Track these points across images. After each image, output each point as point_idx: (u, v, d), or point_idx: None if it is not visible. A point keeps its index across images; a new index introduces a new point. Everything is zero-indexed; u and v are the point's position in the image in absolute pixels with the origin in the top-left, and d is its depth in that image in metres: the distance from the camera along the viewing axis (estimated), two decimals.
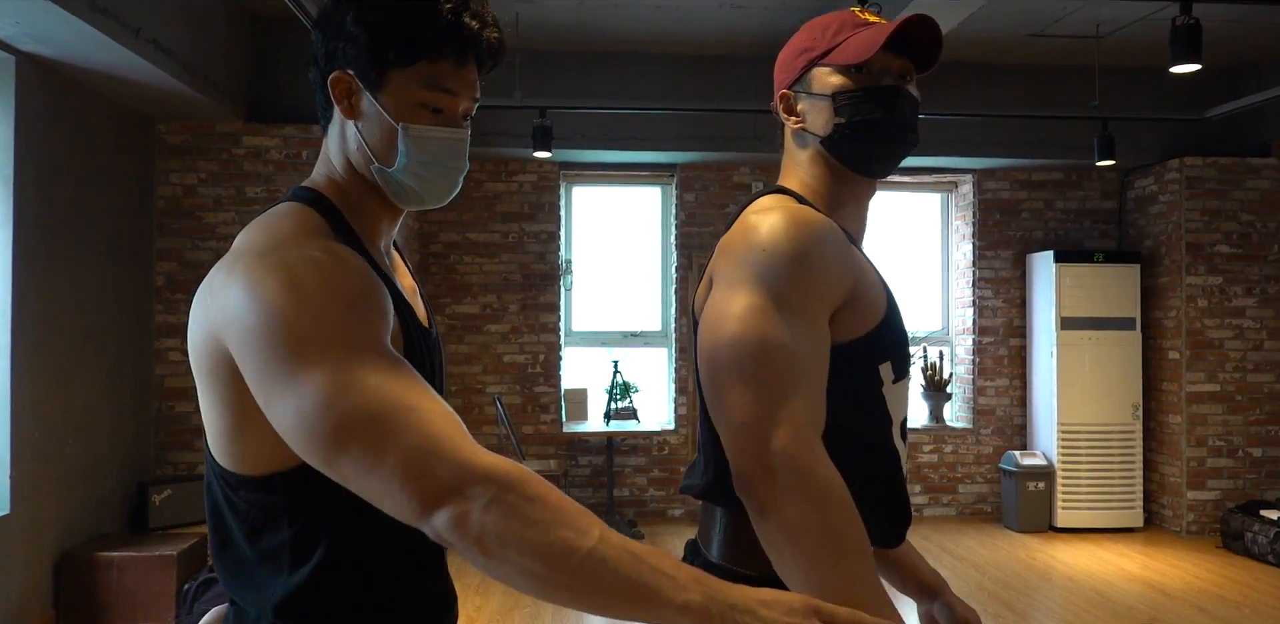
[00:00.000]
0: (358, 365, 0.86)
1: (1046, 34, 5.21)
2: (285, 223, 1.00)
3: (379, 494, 0.84)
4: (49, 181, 3.80)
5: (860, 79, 1.16)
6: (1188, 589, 4.50)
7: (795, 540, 0.97)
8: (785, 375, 1.01)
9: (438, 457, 0.83)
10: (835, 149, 1.18)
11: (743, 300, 1.05)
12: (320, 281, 0.90)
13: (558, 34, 5.24)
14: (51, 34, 3.36)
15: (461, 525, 0.81)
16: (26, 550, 3.62)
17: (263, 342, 0.88)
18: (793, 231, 1.07)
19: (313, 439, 0.85)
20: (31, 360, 3.65)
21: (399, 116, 1.02)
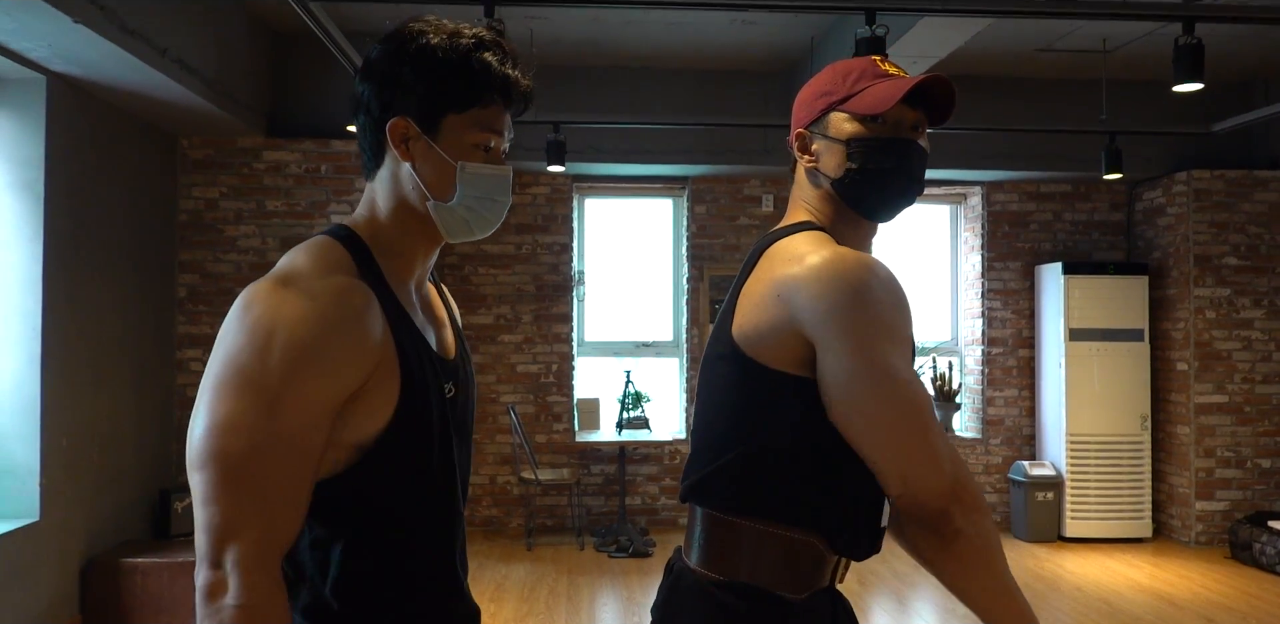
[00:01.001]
0: (261, 417, 0.98)
1: (1054, 48, 5.27)
2: (307, 257, 1.08)
3: (198, 526, 0.98)
4: (78, 196, 3.90)
5: (875, 128, 1.23)
6: (1195, 599, 4.53)
7: (992, 557, 1.16)
8: (935, 416, 1.18)
9: (236, 540, 0.97)
10: (844, 192, 1.25)
11: (890, 358, 1.13)
12: (288, 334, 0.99)
13: (571, 50, 5.33)
14: (82, 55, 3.47)
15: (209, 598, 0.96)
16: (55, 556, 3.72)
17: (214, 361, 1.02)
18: (882, 279, 1.14)
19: (191, 449, 1.00)
20: (61, 370, 3.75)
21: (455, 156, 1.11)
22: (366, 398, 1.04)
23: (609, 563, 5.20)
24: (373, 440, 1.05)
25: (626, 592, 4.65)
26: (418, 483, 1.11)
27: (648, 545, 5.42)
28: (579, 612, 4.33)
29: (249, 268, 4.88)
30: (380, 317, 1.06)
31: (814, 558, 1.20)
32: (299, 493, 1.00)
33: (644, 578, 4.89)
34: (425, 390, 1.10)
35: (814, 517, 1.19)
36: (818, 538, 1.19)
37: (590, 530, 5.83)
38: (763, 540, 1.18)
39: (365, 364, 1.03)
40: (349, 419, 1.04)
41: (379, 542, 1.09)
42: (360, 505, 1.08)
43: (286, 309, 1.00)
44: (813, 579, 1.20)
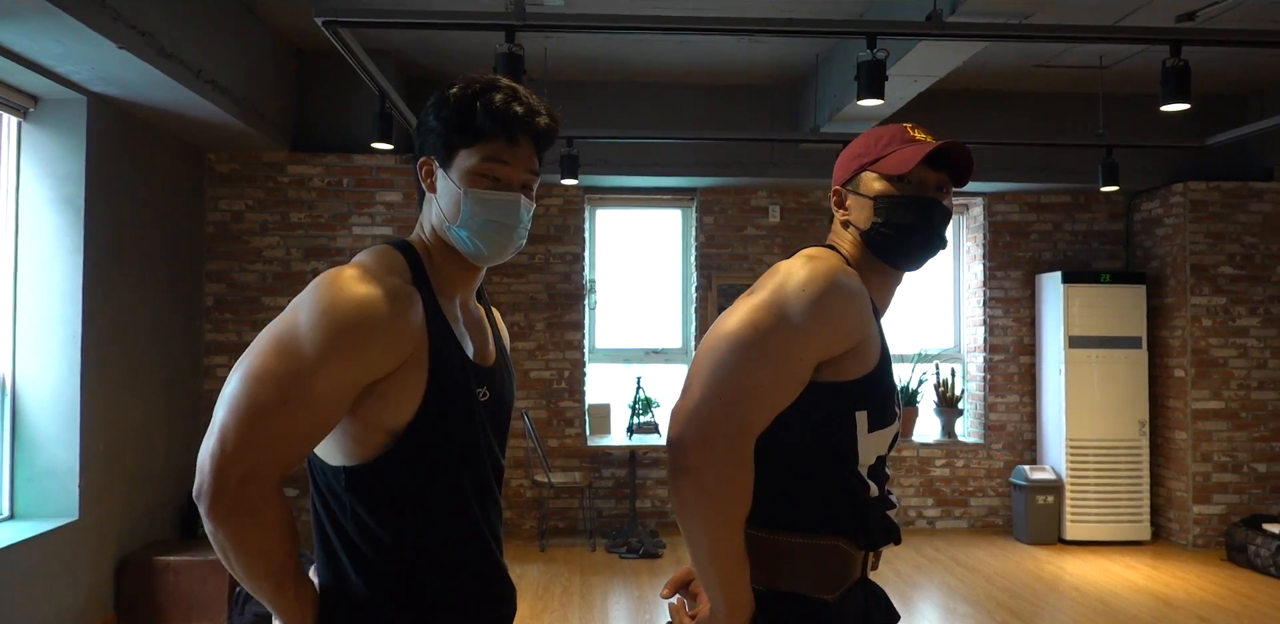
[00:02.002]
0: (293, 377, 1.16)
1: (1052, 65, 5.43)
2: (374, 258, 1.29)
3: (204, 450, 1.16)
4: (115, 210, 4.09)
5: (901, 187, 1.39)
6: (1190, 600, 4.66)
7: (705, 500, 1.25)
8: (755, 381, 1.27)
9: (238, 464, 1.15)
10: (871, 243, 1.42)
11: (759, 312, 1.29)
12: (337, 316, 1.17)
13: (584, 66, 5.51)
14: (122, 77, 3.65)
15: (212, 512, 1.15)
16: (93, 554, 3.89)
17: (278, 320, 1.21)
18: (832, 285, 1.30)
19: (226, 387, 1.18)
20: (98, 377, 3.93)
21: (463, 184, 1.29)
22: (395, 385, 1.22)
23: (620, 563, 5.36)
24: (403, 427, 1.23)
25: (638, 590, 4.80)
26: (450, 469, 1.27)
27: (658, 547, 5.57)
28: (592, 609, 4.48)
29: (273, 277, 5.06)
30: (420, 317, 1.25)
31: (842, 559, 1.34)
32: (300, 449, 1.19)
33: (654, 578, 5.04)
34: (454, 388, 1.27)
35: (833, 518, 1.34)
36: (843, 541, 1.34)
37: (601, 532, 5.99)
38: (796, 552, 1.33)
39: (396, 355, 1.21)
40: (379, 403, 1.22)
41: (415, 522, 1.26)
42: (397, 488, 1.24)
43: (343, 296, 1.19)
44: (844, 577, 1.35)
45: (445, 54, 5.25)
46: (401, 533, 1.25)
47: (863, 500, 1.35)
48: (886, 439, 1.39)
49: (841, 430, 1.33)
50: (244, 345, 5.00)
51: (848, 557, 1.35)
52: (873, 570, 1.42)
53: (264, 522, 1.16)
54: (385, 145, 4.24)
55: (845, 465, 1.35)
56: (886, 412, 1.37)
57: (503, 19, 3.12)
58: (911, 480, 6.28)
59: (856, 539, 1.35)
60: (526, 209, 1.32)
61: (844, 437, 1.34)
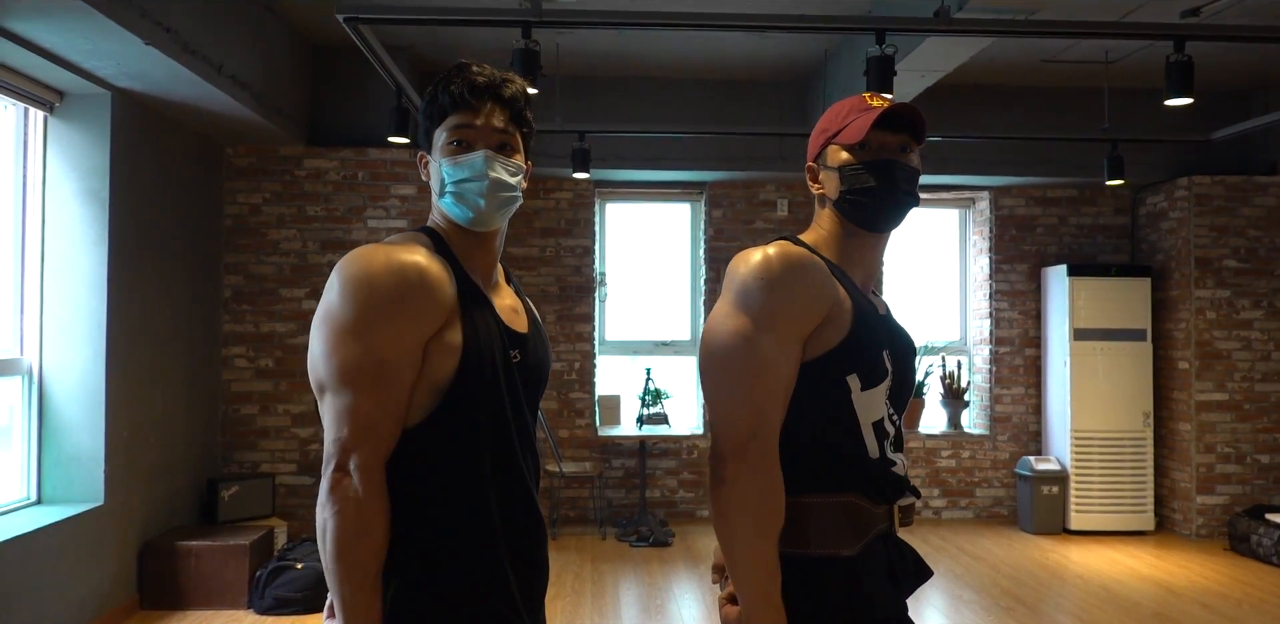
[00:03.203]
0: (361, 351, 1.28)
1: (1058, 60, 5.48)
2: (398, 238, 1.42)
3: (328, 436, 1.30)
4: (138, 204, 4.18)
5: (861, 154, 1.47)
6: (1193, 588, 4.73)
7: (741, 508, 1.33)
8: (768, 384, 1.37)
9: (356, 451, 1.29)
10: (843, 210, 1.49)
11: (734, 320, 1.39)
12: (378, 285, 1.28)
13: (595, 62, 5.58)
14: (147, 72, 3.73)
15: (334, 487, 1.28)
16: (117, 538, 3.99)
17: (321, 313, 1.32)
18: (772, 265, 1.39)
19: (317, 371, 1.31)
20: (123, 366, 4.02)
21: (439, 157, 1.42)
22: (440, 343, 1.32)
23: (630, 551, 5.44)
24: (448, 382, 1.33)
25: (648, 577, 4.89)
26: (488, 417, 1.37)
27: (667, 535, 5.66)
28: (604, 595, 4.57)
29: (290, 269, 5.15)
30: (453, 283, 1.36)
31: (859, 514, 1.42)
32: (397, 411, 1.30)
33: (664, 565, 5.12)
34: (490, 347, 1.37)
35: (842, 478, 1.42)
36: (856, 496, 1.42)
37: (612, 521, 6.07)
38: (815, 509, 1.41)
39: (439, 315, 1.32)
40: (429, 362, 1.32)
41: (466, 468, 1.35)
42: (447, 441, 1.34)
43: (376, 267, 1.30)
44: (865, 531, 1.43)
45: (458, 49, 5.32)
46: (461, 484, 1.35)
47: (863, 460, 1.43)
48: (882, 396, 1.46)
49: (838, 396, 1.42)
50: (261, 336, 5.06)
51: (865, 512, 1.42)
52: (904, 526, 1.50)
53: (378, 509, 1.28)
54: (401, 139, 4.32)
55: (846, 427, 1.43)
56: (876, 369, 1.44)
57: (520, 15, 3.20)
58: (918, 471, 6.35)
59: (869, 494, 1.43)
60: (496, 164, 1.41)
61: (841, 401, 1.42)
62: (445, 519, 1.34)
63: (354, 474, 1.26)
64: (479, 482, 1.36)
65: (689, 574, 4.96)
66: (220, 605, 4.17)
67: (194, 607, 4.17)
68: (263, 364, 5.12)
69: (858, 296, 1.47)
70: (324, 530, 1.26)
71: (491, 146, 1.41)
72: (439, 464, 1.34)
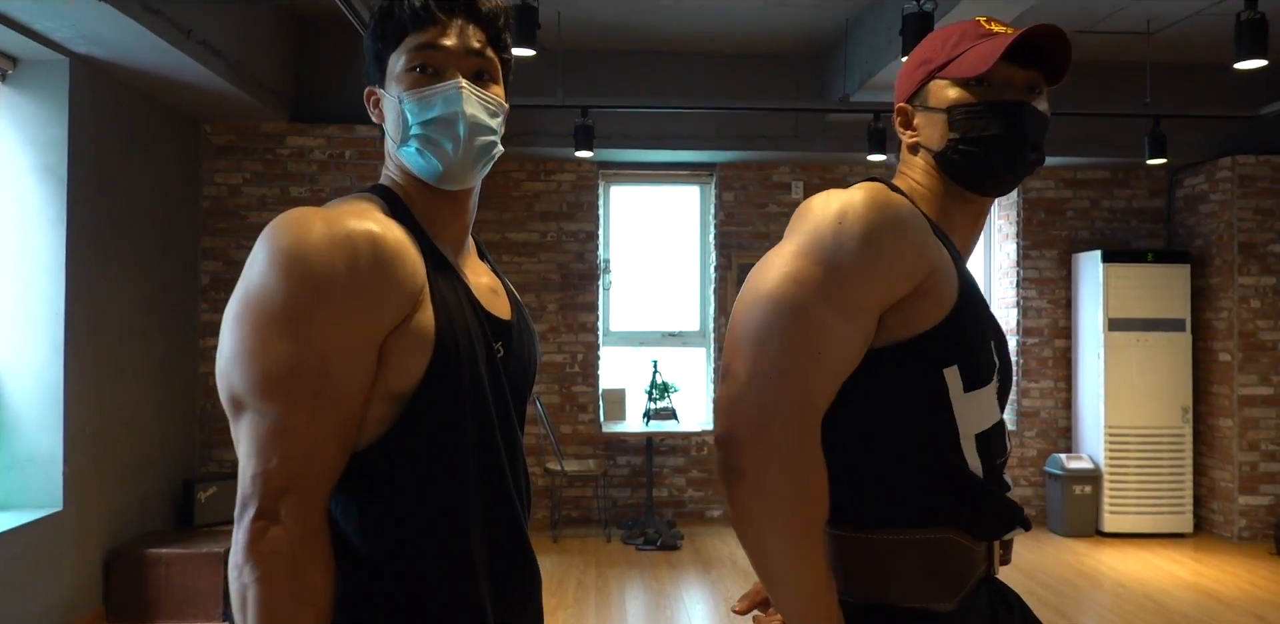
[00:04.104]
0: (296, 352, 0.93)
1: (1095, 30, 5.11)
2: (341, 202, 1.06)
3: (242, 469, 0.95)
4: (100, 181, 3.84)
5: (979, 93, 1.12)
6: (1244, 597, 4.40)
7: (768, 508, 0.99)
8: (812, 345, 1.01)
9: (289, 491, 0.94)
10: (948, 165, 1.14)
11: (796, 262, 1.03)
12: (315, 264, 0.94)
13: (599, 33, 5.22)
14: (105, 36, 3.39)
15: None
16: (78, 547, 3.66)
17: (238, 299, 0.97)
18: (859, 210, 1.04)
19: (230, 378, 0.95)
20: (84, 358, 3.69)
21: (398, 88, 1.07)
22: (403, 337, 0.98)
23: (637, 556, 5.11)
24: (413, 386, 0.99)
25: (657, 585, 4.56)
26: (468, 431, 1.03)
27: (675, 538, 5.33)
28: (609, 604, 4.24)
29: None
30: (419, 258, 1.01)
31: (958, 555, 1.08)
32: (344, 432, 0.96)
33: (673, 571, 4.79)
34: (469, 339, 1.03)
35: (937, 508, 1.07)
36: (954, 531, 1.07)
37: (617, 523, 5.75)
38: (896, 551, 1.07)
39: (401, 300, 0.98)
40: (388, 361, 0.98)
41: (436, 500, 1.02)
42: (410, 464, 1.00)
43: (315, 237, 0.94)
44: (964, 577, 1.08)
45: None
46: (431, 523, 1.01)
47: (966, 481, 1.08)
48: (991, 399, 1.10)
49: (929, 396, 1.06)
50: None
51: (964, 551, 1.08)
52: (1003, 564, 1.15)
53: (319, 567, 0.95)
54: None
55: (941, 440, 1.07)
56: (983, 364, 1.09)
57: None
58: None
59: (971, 528, 1.08)
60: (474, 99, 1.06)
61: (934, 404, 1.06)
62: (412, 571, 1.00)
63: (286, 522, 0.91)
64: (455, 518, 1.02)
65: (699, 580, 4.63)
66: (192, 617, 3.85)
67: (164, 619, 3.84)
68: None
69: (962, 266, 1.12)
70: (243, 601, 0.91)
71: (466, 74, 1.06)
72: (401, 497, 1.00)
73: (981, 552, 1.11)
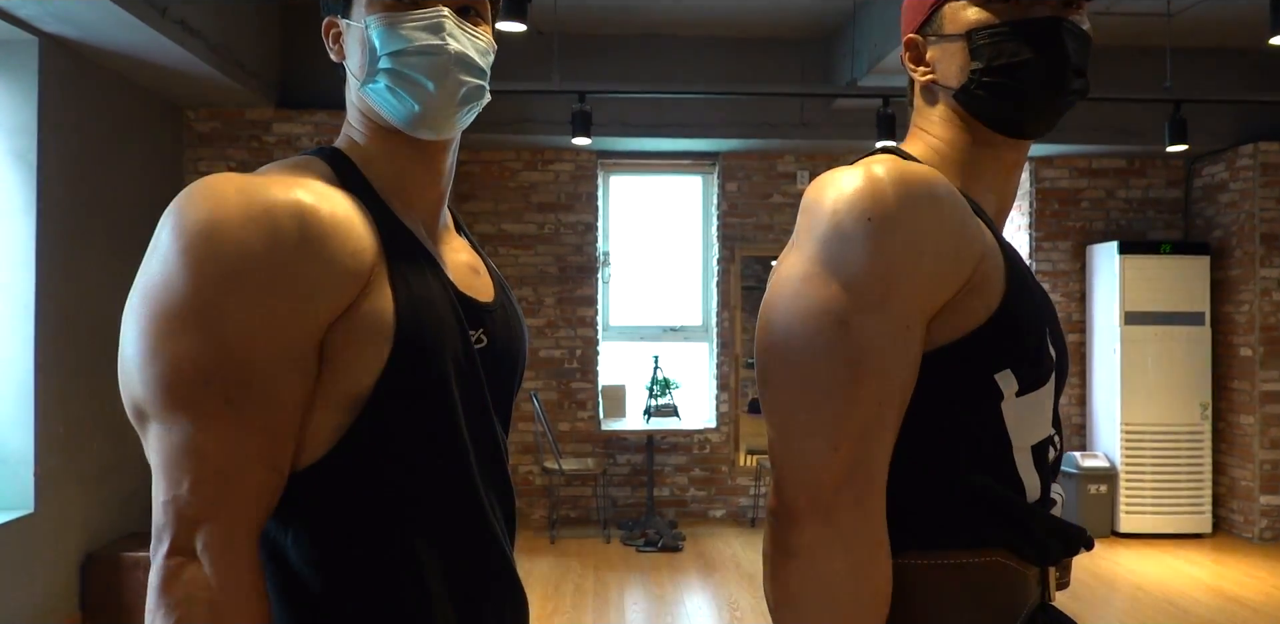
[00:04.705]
0: (216, 353, 0.77)
1: (1112, 12, 4.91)
2: (273, 167, 0.89)
3: (155, 494, 0.79)
4: (75, 168, 3.67)
5: (1004, 11, 0.92)
6: (1269, 601, 4.22)
7: (822, 597, 0.84)
8: (876, 398, 0.83)
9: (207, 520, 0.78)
10: (971, 104, 0.94)
11: (824, 290, 0.84)
12: (227, 244, 0.78)
13: (597, 16, 5.04)
14: (74, 13, 3.22)
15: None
16: (52, 551, 3.50)
17: (139, 289, 0.82)
18: (885, 195, 0.83)
19: (131, 384, 0.81)
20: (56, 353, 3.52)
21: (365, 15, 0.89)
22: (353, 326, 0.81)
23: (637, 558, 4.95)
24: (370, 387, 0.82)
25: (657, 589, 4.39)
26: (437, 440, 0.86)
27: (677, 539, 5.16)
28: (607, 609, 4.08)
29: None
30: (368, 232, 0.84)
31: (1009, 580, 0.90)
32: (275, 448, 0.79)
33: (674, 574, 4.63)
34: (439, 327, 0.86)
35: (983, 528, 0.90)
36: (1002, 554, 0.90)
37: (616, 523, 5.58)
38: (937, 577, 0.89)
39: (343, 283, 0.80)
40: (337, 358, 0.81)
41: (400, 525, 0.85)
42: (368, 483, 0.83)
43: (228, 210, 0.77)
44: (1016, 607, 0.91)
45: None
46: (392, 556, 0.84)
47: (1018, 500, 0.91)
48: (1047, 402, 0.92)
49: (978, 406, 0.88)
50: None
51: (1016, 576, 0.90)
52: (1061, 589, 0.98)
53: (247, 611, 0.78)
54: None
55: (992, 452, 0.90)
56: (1041, 361, 0.90)
57: None
58: None
59: (1023, 550, 0.90)
60: (461, 32, 0.89)
61: (986, 412, 0.88)
62: (371, 608, 0.84)
63: (203, 559, 0.75)
64: (421, 545, 0.85)
65: (702, 584, 4.46)
66: None
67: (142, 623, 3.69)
68: None
69: (1006, 244, 0.93)
70: None
71: (451, 6, 0.89)
72: (357, 522, 0.84)
73: (1034, 577, 0.93)
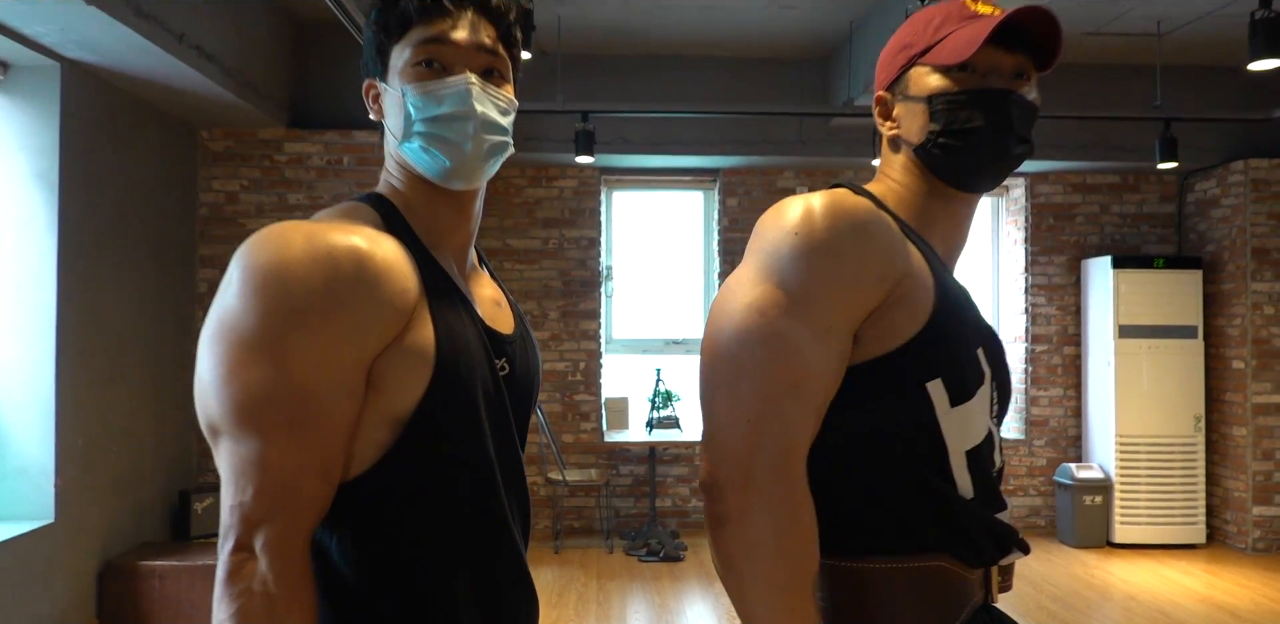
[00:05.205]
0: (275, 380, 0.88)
1: (1104, 32, 5.04)
2: (328, 213, 1.00)
3: (224, 499, 0.90)
4: (94, 188, 3.79)
5: (962, 80, 1.04)
6: (1259, 611, 4.30)
7: (752, 557, 0.95)
8: (787, 378, 0.95)
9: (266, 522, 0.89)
10: (929, 159, 1.07)
11: (755, 290, 0.97)
12: (292, 282, 0.89)
13: (600, 37, 5.17)
14: (95, 40, 3.34)
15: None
16: (70, 560, 3.60)
17: (211, 313, 0.92)
18: (816, 220, 0.97)
19: (208, 406, 0.90)
20: (76, 367, 3.63)
21: (402, 83, 1.01)
22: (398, 358, 0.92)
23: (639, 567, 5.03)
24: (411, 409, 0.93)
25: (659, 598, 4.48)
26: (468, 456, 0.98)
27: (679, 549, 5.25)
28: (610, 618, 4.16)
29: None
30: (411, 272, 0.95)
31: (950, 583, 1.01)
32: (328, 463, 0.90)
33: (676, 583, 4.71)
34: (470, 357, 0.98)
35: (924, 533, 1.01)
36: (944, 558, 1.01)
37: (619, 533, 5.67)
38: (883, 580, 1.00)
39: (391, 319, 0.92)
40: (383, 384, 0.92)
41: (433, 530, 0.97)
42: (406, 492, 0.95)
43: (294, 254, 0.89)
44: (957, 607, 1.02)
45: None
46: (425, 558, 0.96)
47: (952, 504, 1.01)
48: (981, 412, 1.03)
49: (914, 413, 0.99)
50: None
51: (959, 579, 1.01)
52: (1003, 592, 1.08)
53: (299, 604, 0.89)
54: None
55: (928, 459, 1.00)
56: (968, 373, 1.01)
57: None
58: None
59: (963, 554, 1.01)
60: (485, 97, 1.01)
61: (919, 421, 0.99)
62: (403, 602, 0.95)
63: (262, 557, 0.86)
64: (449, 546, 0.97)
65: (703, 593, 4.55)
66: None
67: None
68: None
69: (940, 270, 1.04)
70: None
71: (475, 71, 1.01)
72: (393, 531, 0.95)
73: (977, 579, 1.04)
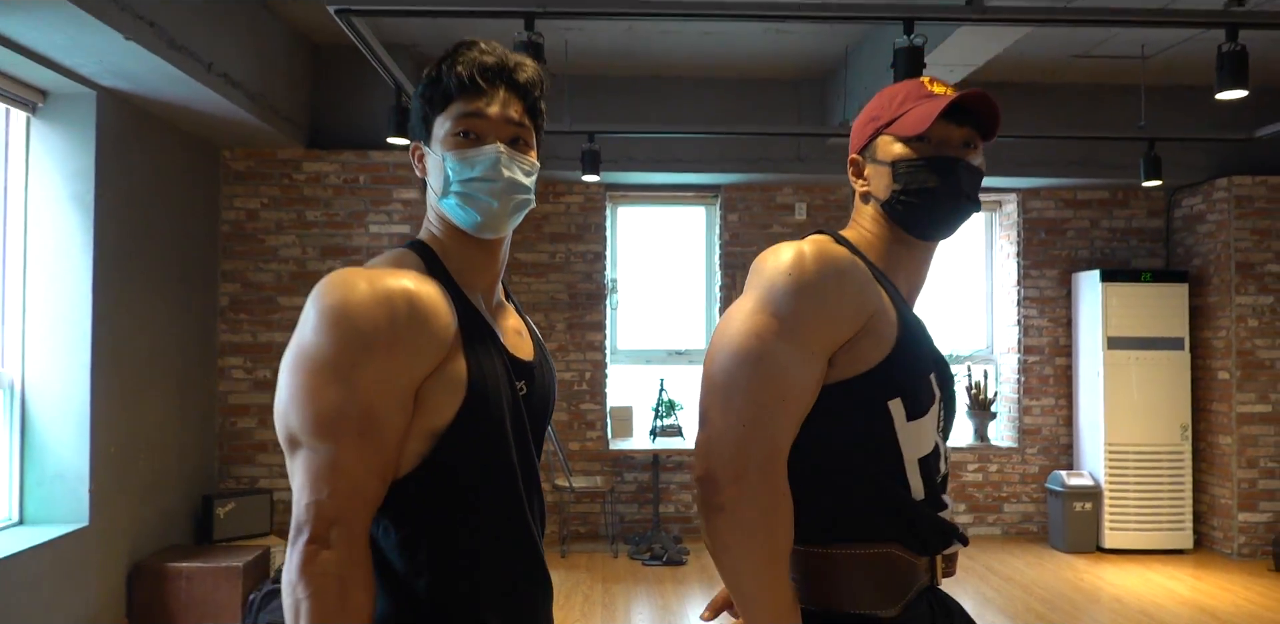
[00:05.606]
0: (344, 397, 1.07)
1: (1092, 55, 5.23)
2: (381, 259, 1.21)
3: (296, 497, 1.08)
4: (126, 208, 3.99)
5: (920, 148, 1.26)
6: (1239, 613, 4.46)
7: (744, 538, 1.14)
8: (776, 392, 1.15)
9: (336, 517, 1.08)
10: (893, 213, 1.28)
11: (753, 318, 1.18)
12: (359, 319, 1.08)
13: (606, 60, 5.37)
14: (131, 70, 3.55)
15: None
16: (103, 561, 3.79)
17: (291, 346, 1.13)
18: (806, 263, 1.19)
19: (288, 420, 1.10)
20: (109, 379, 3.83)
21: (442, 150, 1.21)
22: (439, 382, 1.12)
23: (643, 571, 5.21)
24: (447, 425, 1.13)
25: (662, 600, 4.66)
26: (493, 464, 1.18)
27: (681, 553, 5.42)
28: (615, 621, 4.34)
29: (289, 277, 4.95)
30: (450, 310, 1.15)
31: (900, 568, 1.21)
32: (385, 468, 1.10)
33: (679, 586, 4.89)
34: (496, 381, 1.18)
35: (880, 525, 1.21)
36: (895, 546, 1.21)
37: (624, 538, 5.84)
38: (845, 564, 1.20)
39: (435, 350, 1.12)
40: (425, 403, 1.12)
41: (464, 524, 1.17)
42: (442, 492, 1.14)
43: (358, 296, 1.09)
44: (905, 587, 1.22)
45: None
46: (455, 546, 1.16)
47: (905, 503, 1.22)
48: (931, 426, 1.25)
49: (877, 426, 1.21)
50: (259, 346, 4.84)
51: (905, 565, 1.22)
52: (947, 577, 1.29)
53: (363, 585, 1.08)
54: (401, 140, 4.12)
55: (886, 465, 1.22)
56: (923, 396, 1.23)
57: (522, 5, 2.99)
58: None
59: (911, 545, 1.22)
60: (512, 163, 1.21)
61: (881, 433, 1.21)
62: (438, 585, 1.15)
63: (335, 547, 1.05)
64: (478, 538, 1.17)
65: (705, 596, 4.72)
66: None
67: None
68: (260, 375, 4.92)
69: (903, 308, 1.26)
70: (296, 614, 1.04)
71: (504, 140, 1.21)
72: (431, 520, 1.15)
73: (923, 565, 1.24)
